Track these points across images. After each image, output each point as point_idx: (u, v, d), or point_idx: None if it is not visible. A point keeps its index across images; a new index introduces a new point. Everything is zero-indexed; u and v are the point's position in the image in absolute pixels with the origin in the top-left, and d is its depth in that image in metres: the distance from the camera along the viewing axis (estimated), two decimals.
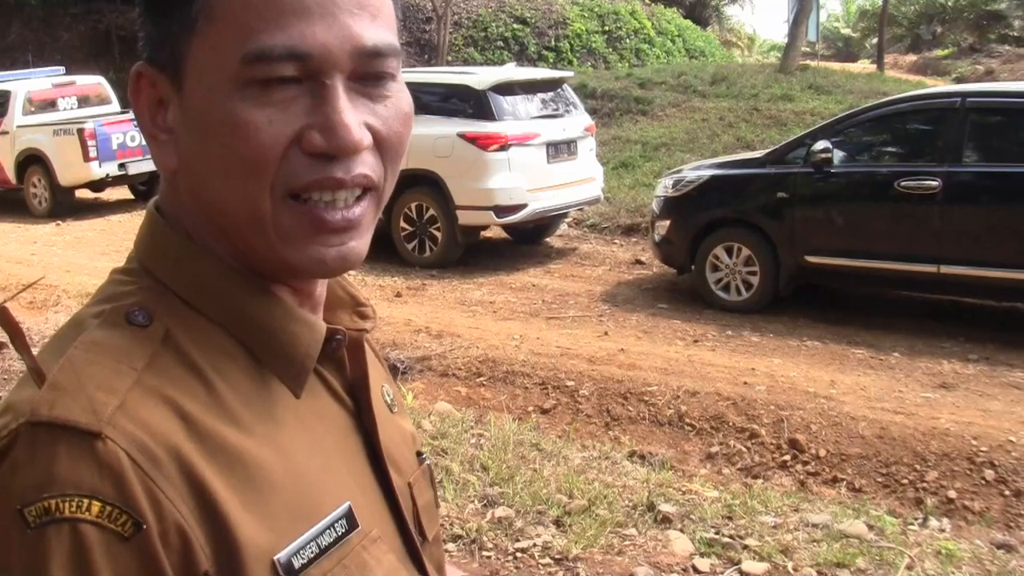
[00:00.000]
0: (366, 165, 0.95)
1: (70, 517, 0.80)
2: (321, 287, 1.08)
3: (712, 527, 4.97)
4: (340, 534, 0.96)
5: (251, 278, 0.99)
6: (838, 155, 9.49)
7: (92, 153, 16.16)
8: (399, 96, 0.99)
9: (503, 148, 11.54)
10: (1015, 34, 37.80)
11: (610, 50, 29.21)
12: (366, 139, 0.94)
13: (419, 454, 1.22)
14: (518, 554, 4.64)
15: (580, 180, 12.56)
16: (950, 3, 41.31)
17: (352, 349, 1.09)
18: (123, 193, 18.49)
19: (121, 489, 0.82)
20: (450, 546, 4.69)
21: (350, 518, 0.97)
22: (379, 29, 0.95)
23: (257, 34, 0.89)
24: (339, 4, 0.91)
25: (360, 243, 0.98)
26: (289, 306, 1.01)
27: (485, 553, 4.66)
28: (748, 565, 4.59)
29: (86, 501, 0.81)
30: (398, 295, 10.83)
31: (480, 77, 12.31)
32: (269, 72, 0.89)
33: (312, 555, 0.92)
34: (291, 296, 1.02)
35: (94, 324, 0.93)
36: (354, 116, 0.93)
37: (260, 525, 0.89)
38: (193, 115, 0.94)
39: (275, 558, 0.89)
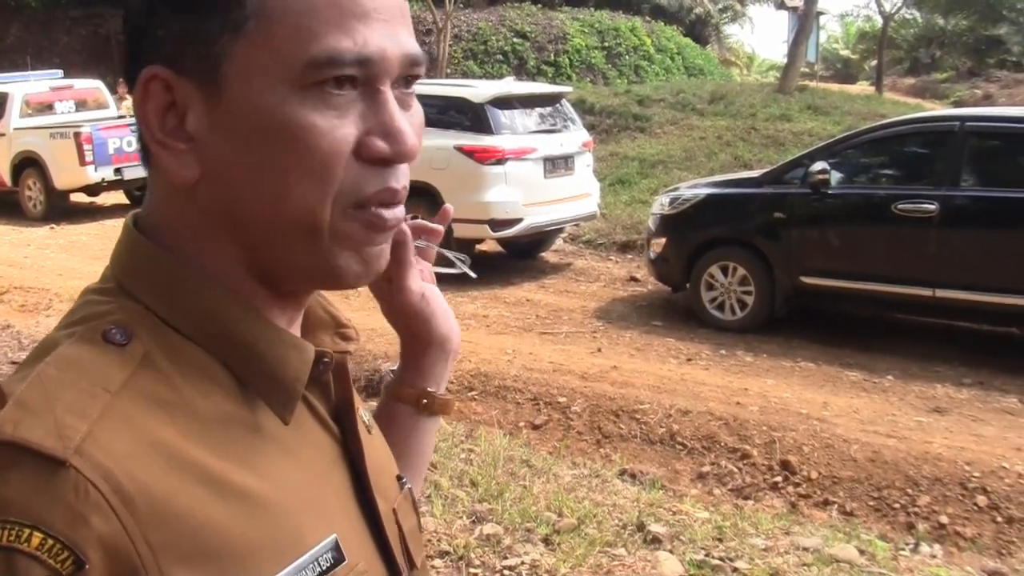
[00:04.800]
0: (407, 175, 0.95)
1: (6, 546, 0.75)
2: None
3: (702, 548, 4.92)
4: (325, 568, 0.91)
5: (240, 298, 0.94)
6: (835, 176, 9.47)
7: (88, 157, 16.13)
8: (418, 107, 0.98)
9: (500, 162, 11.53)
10: (1014, 59, 37.83)
11: (609, 66, 29.26)
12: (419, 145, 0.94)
13: (399, 478, 1.17)
14: (505, 572, 4.59)
15: (576, 195, 12.54)
16: (949, 27, 41.38)
17: (337, 372, 1.05)
18: (118, 198, 18.42)
19: (72, 523, 0.76)
20: (437, 562, 4.64)
21: (336, 551, 0.93)
22: (412, 37, 0.95)
23: (322, 37, 0.86)
24: (392, 11, 0.91)
25: (387, 246, 0.98)
26: (278, 328, 0.96)
27: (472, 570, 4.61)
28: None
29: (27, 531, 0.75)
30: None
31: (478, 90, 12.30)
32: (334, 76, 0.87)
33: None
34: (281, 317, 0.98)
35: (68, 342, 0.88)
36: (407, 122, 0.92)
37: (242, 558, 0.84)
38: (240, 121, 0.89)
39: None
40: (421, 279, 1.28)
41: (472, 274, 1.39)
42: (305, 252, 0.92)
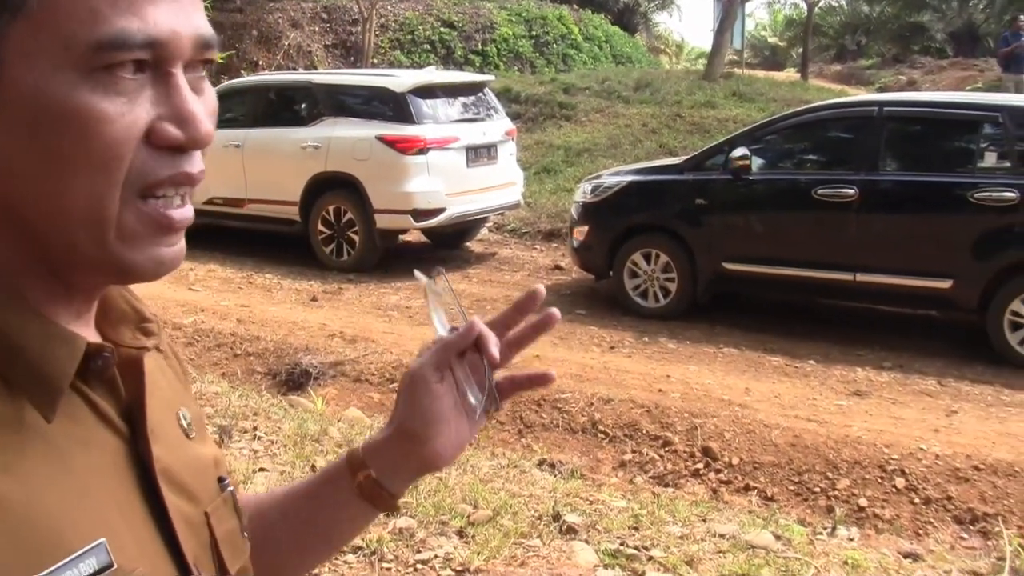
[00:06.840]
0: (201, 162, 0.90)
1: None
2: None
3: (618, 538, 4.88)
4: (88, 574, 0.83)
5: (2, 291, 0.87)
6: (757, 162, 9.50)
7: None
8: (211, 90, 0.93)
9: (422, 151, 11.44)
10: (937, 46, 38.52)
11: (537, 55, 29.21)
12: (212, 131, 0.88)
13: (221, 480, 1.09)
14: (419, 566, 4.52)
15: (500, 185, 12.50)
16: (875, 14, 42.01)
17: (129, 368, 0.97)
18: None
19: None
20: (349, 557, 4.56)
21: (102, 556, 0.84)
22: (205, 18, 0.89)
23: (109, 17, 0.79)
24: None
25: (183, 242, 0.92)
26: (44, 319, 0.88)
27: (385, 564, 4.53)
28: None
29: None
30: (314, 299, 10.68)
31: (400, 80, 12.20)
32: (124, 59, 0.80)
33: None
34: (65, 310, 0.91)
35: None
36: (200, 107, 0.87)
37: None
38: (20, 108, 0.81)
39: None
40: (458, 392, 1.24)
41: (477, 411, 1.25)
42: (92, 246, 0.85)
